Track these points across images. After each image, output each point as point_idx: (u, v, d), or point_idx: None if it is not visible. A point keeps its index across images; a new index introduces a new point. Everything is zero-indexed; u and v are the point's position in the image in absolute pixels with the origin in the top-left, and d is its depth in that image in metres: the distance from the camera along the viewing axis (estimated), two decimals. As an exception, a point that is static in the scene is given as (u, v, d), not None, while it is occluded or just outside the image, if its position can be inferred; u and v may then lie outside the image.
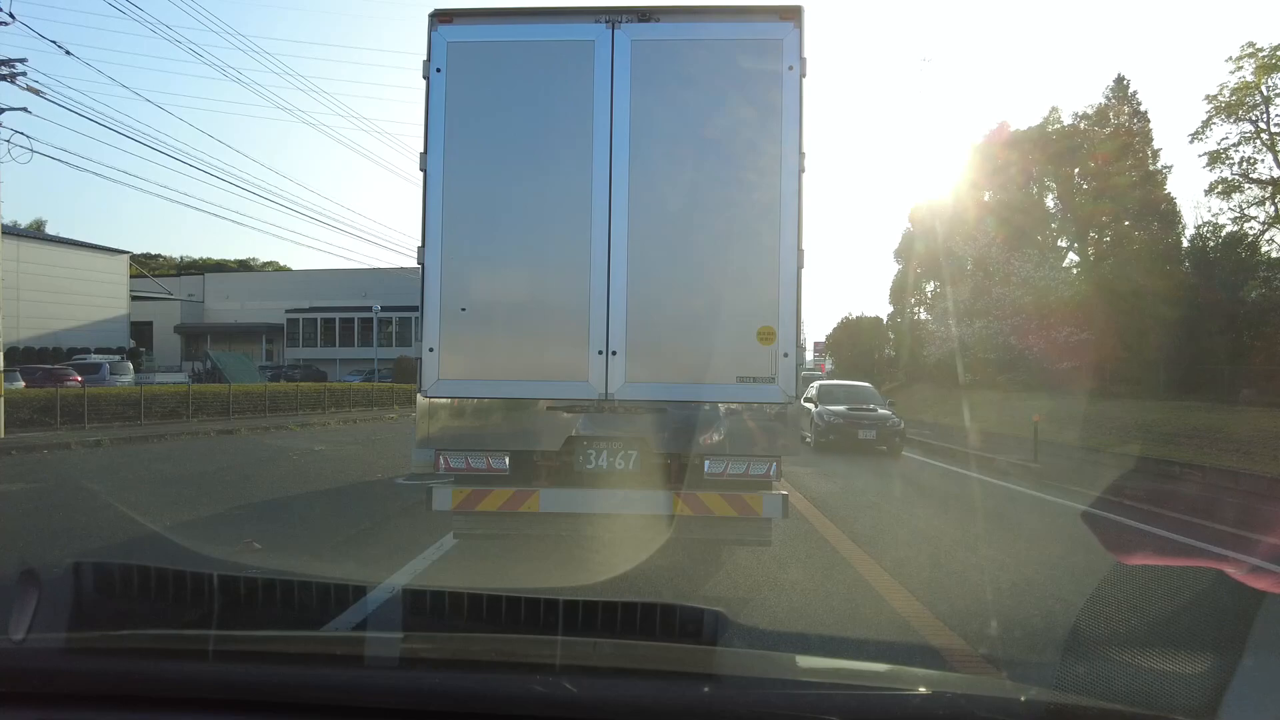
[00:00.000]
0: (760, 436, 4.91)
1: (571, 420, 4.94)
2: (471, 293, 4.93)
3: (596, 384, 4.86)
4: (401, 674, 1.57)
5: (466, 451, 4.97)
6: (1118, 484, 10.30)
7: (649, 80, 4.88)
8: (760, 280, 4.85)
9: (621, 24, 4.89)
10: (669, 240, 4.91)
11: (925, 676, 1.86)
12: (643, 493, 4.92)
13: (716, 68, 4.93)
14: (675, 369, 4.90)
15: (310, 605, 2.59)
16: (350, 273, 45.28)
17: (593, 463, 5.00)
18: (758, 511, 4.83)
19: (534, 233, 4.98)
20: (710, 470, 4.91)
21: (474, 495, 4.86)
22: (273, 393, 24.82)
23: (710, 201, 4.92)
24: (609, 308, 4.84)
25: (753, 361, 4.84)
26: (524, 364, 4.96)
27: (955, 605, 4.72)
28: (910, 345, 36.72)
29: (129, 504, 7.93)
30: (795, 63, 4.83)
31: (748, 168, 4.91)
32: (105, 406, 19.00)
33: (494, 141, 4.98)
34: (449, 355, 4.92)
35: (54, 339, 35.56)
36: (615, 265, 4.83)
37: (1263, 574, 5.98)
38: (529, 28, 5.00)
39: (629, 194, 4.85)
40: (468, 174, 4.94)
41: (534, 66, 4.99)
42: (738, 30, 4.95)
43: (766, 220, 4.84)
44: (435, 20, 4.94)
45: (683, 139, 4.93)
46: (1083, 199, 29.79)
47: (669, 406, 4.89)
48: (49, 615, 1.66)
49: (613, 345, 4.85)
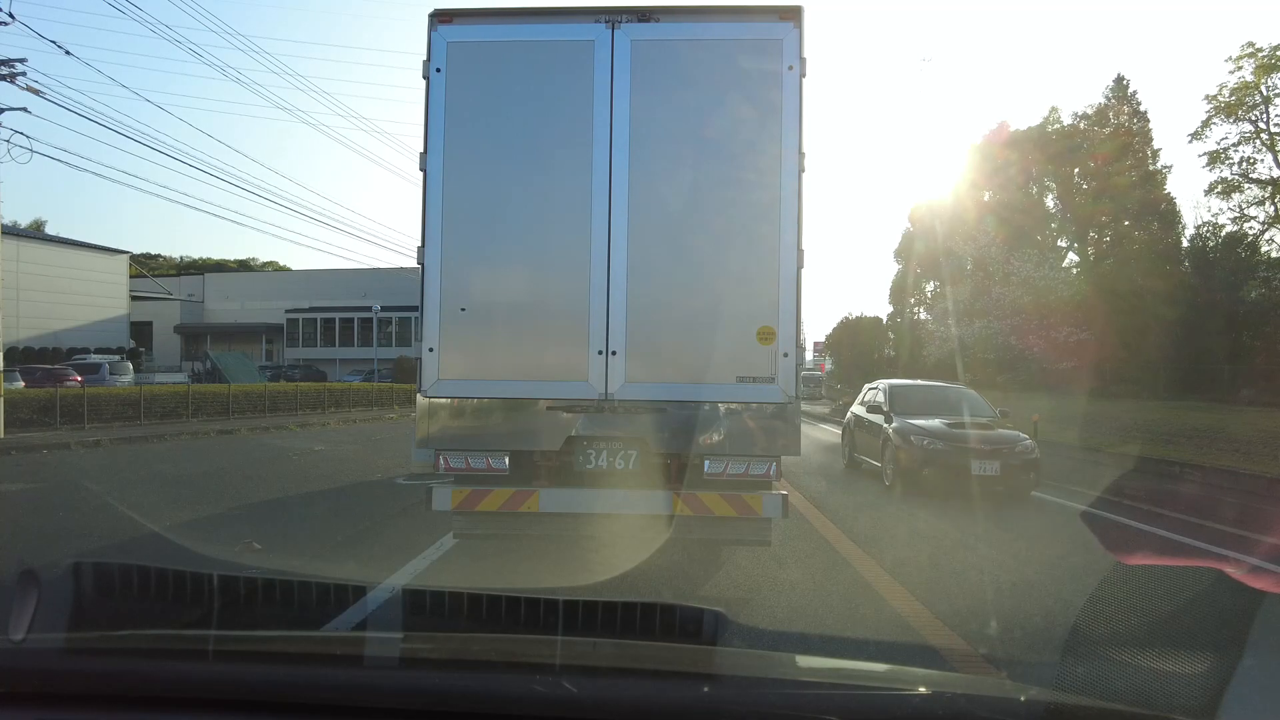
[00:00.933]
0: (760, 436, 4.88)
1: (571, 420, 4.91)
2: (471, 293, 4.91)
3: (596, 384, 4.85)
4: (401, 674, 1.56)
5: (466, 451, 4.94)
6: (1117, 484, 10.30)
7: (649, 80, 4.87)
8: (760, 280, 4.83)
9: (621, 24, 4.87)
10: (669, 240, 4.89)
11: (925, 676, 1.86)
12: (642, 493, 4.91)
13: (716, 68, 4.91)
14: (675, 369, 4.89)
15: (310, 605, 2.58)
16: (350, 273, 45.31)
17: (593, 463, 4.98)
18: (757, 511, 4.80)
19: (534, 232, 4.96)
20: (710, 470, 4.89)
21: (474, 495, 4.84)
22: (273, 393, 24.83)
23: (710, 201, 4.90)
24: (609, 307, 4.82)
25: (752, 361, 4.82)
26: (524, 364, 4.93)
27: (955, 605, 4.71)
28: (910, 345, 36.75)
29: (128, 504, 7.93)
30: (795, 62, 4.81)
31: (748, 168, 4.89)
32: (105, 407, 19.00)
33: (494, 142, 4.96)
34: (449, 355, 4.90)
35: (54, 339, 35.57)
36: (615, 265, 4.81)
37: (1263, 574, 5.97)
38: (529, 28, 4.98)
39: (629, 194, 4.83)
40: (468, 174, 4.92)
41: (534, 66, 4.97)
42: (737, 30, 4.93)
43: (766, 220, 4.82)
44: (435, 20, 4.91)
45: (683, 139, 4.92)
46: (1082, 199, 29.84)
47: (669, 406, 4.87)
48: (48, 615, 1.65)
49: (612, 345, 4.83)
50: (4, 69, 14.41)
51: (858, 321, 53.82)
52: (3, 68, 14.42)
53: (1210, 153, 26.33)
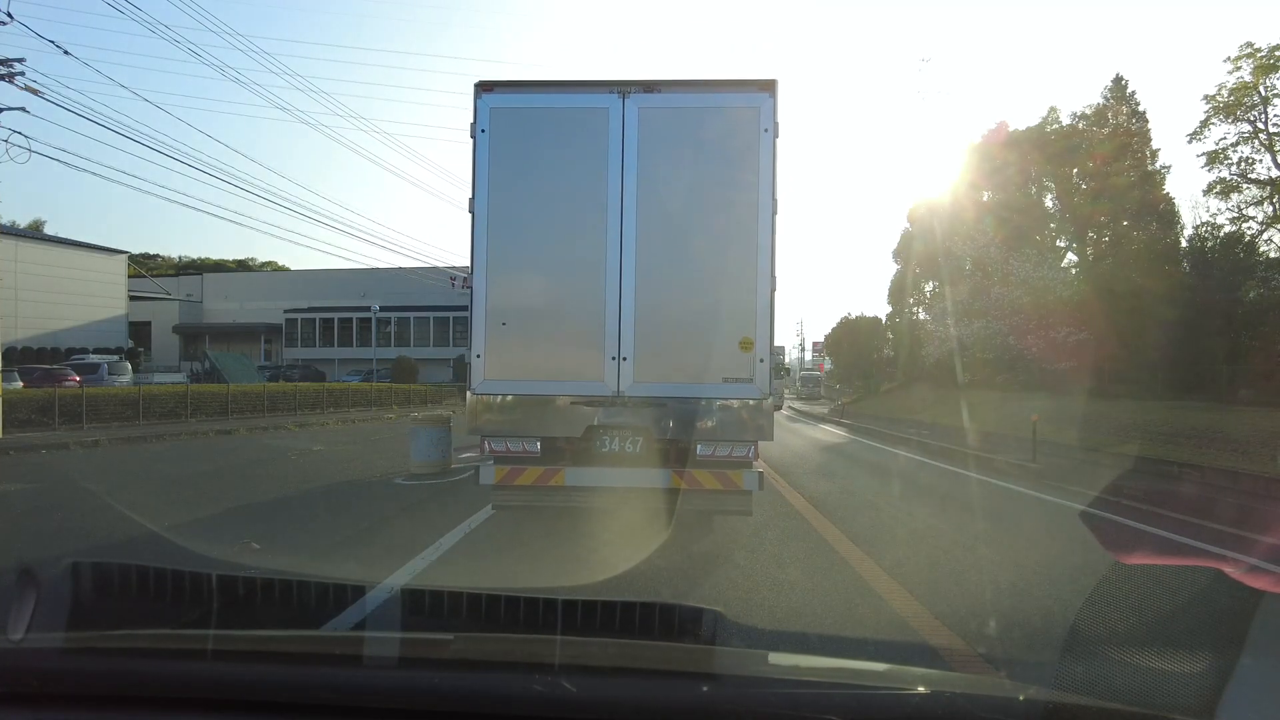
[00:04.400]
0: (741, 426, 5.94)
1: (590, 412, 5.96)
2: (510, 311, 5.98)
3: (610, 383, 5.92)
4: (401, 674, 1.56)
5: (506, 437, 6.04)
6: (1116, 484, 10.30)
7: (652, 140, 5.90)
8: (741, 300, 5.87)
9: (631, 94, 5.91)
10: (668, 269, 5.92)
11: (924, 676, 1.85)
12: (647, 470, 5.91)
13: (707, 130, 5.96)
14: (673, 371, 5.92)
15: (309, 605, 2.58)
16: (349, 273, 45.24)
17: (607, 446, 6.02)
18: (740, 485, 5.91)
19: (560, 263, 6.01)
20: (701, 452, 5.95)
21: (512, 472, 5.95)
22: (271, 393, 24.80)
23: (701, 237, 5.94)
24: (620, 322, 5.89)
25: (735, 365, 5.87)
26: (552, 367, 6.00)
27: (954, 605, 4.76)
28: (909, 345, 36.74)
29: (127, 504, 7.92)
30: (770, 125, 5.85)
31: (731, 210, 5.91)
32: (103, 407, 18.96)
33: (527, 189, 6.00)
34: (492, 361, 5.98)
35: (52, 339, 35.50)
36: (625, 289, 5.88)
37: (1261, 573, 6.01)
38: (555, 96, 6.04)
39: (636, 231, 5.87)
40: (507, 215, 5.96)
41: (560, 128, 6.01)
42: (724, 99, 5.99)
43: (746, 252, 5.86)
44: (479, 89, 5.96)
45: (679, 188, 5.94)
46: (1081, 199, 29.79)
47: (669, 401, 5.93)
48: (47, 615, 1.64)
49: (623, 352, 5.90)
50: (2, 69, 14.39)
51: (857, 321, 53.82)
52: (1, 67, 14.39)
53: (1209, 153, 26.29)
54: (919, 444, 17.21)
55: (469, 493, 8.08)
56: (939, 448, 16.34)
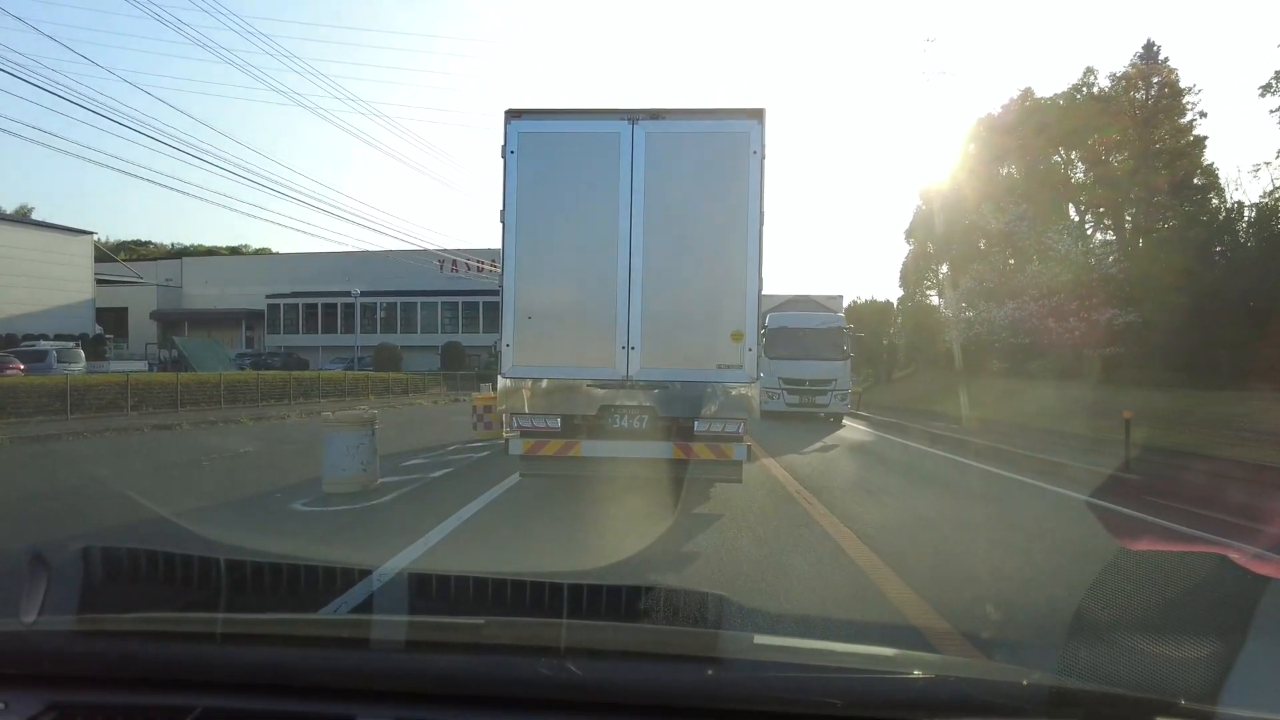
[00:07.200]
0: (732, 405, 6.83)
1: (603, 394, 6.89)
2: (535, 306, 6.87)
3: (620, 369, 6.81)
4: (407, 657, 1.55)
5: (531, 415, 6.92)
6: (1266, 508, 7.58)
7: (657, 161, 6.76)
8: (733, 298, 6.75)
9: (639, 121, 6.77)
10: (670, 270, 6.79)
11: (928, 660, 2.08)
12: (652, 443, 6.84)
13: (704, 152, 6.85)
14: (676, 358, 6.83)
15: (316, 589, 2.76)
16: (334, 256, 43.05)
17: (618, 423, 6.96)
18: (730, 456, 6.80)
19: (577, 265, 6.93)
20: (698, 429, 6.83)
21: (537, 444, 6.89)
22: (230, 383, 22.54)
23: (698, 243, 6.83)
24: (629, 316, 6.77)
25: (728, 354, 6.76)
26: (571, 355, 6.90)
27: (960, 591, 4.59)
28: (928, 330, 34.27)
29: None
30: (759, 149, 6.69)
31: (724, 221, 6.78)
32: (26, 399, 16.74)
33: (550, 202, 6.90)
34: (520, 349, 6.86)
35: (8, 324, 33.10)
36: (634, 288, 6.76)
37: (1266, 560, 5.66)
38: (575, 123, 6.95)
39: (644, 239, 6.74)
40: (533, 224, 6.86)
41: (578, 149, 6.92)
42: (719, 126, 6.84)
43: (737, 257, 6.73)
44: (509, 116, 6.83)
45: (680, 203, 6.81)
46: (1120, 166, 27.18)
47: (671, 385, 6.87)
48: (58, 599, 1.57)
49: (632, 342, 6.78)
50: None
51: (865, 306, 51.30)
52: None
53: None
54: (957, 442, 14.81)
55: (397, 522, 6.64)
56: (984, 447, 13.79)
